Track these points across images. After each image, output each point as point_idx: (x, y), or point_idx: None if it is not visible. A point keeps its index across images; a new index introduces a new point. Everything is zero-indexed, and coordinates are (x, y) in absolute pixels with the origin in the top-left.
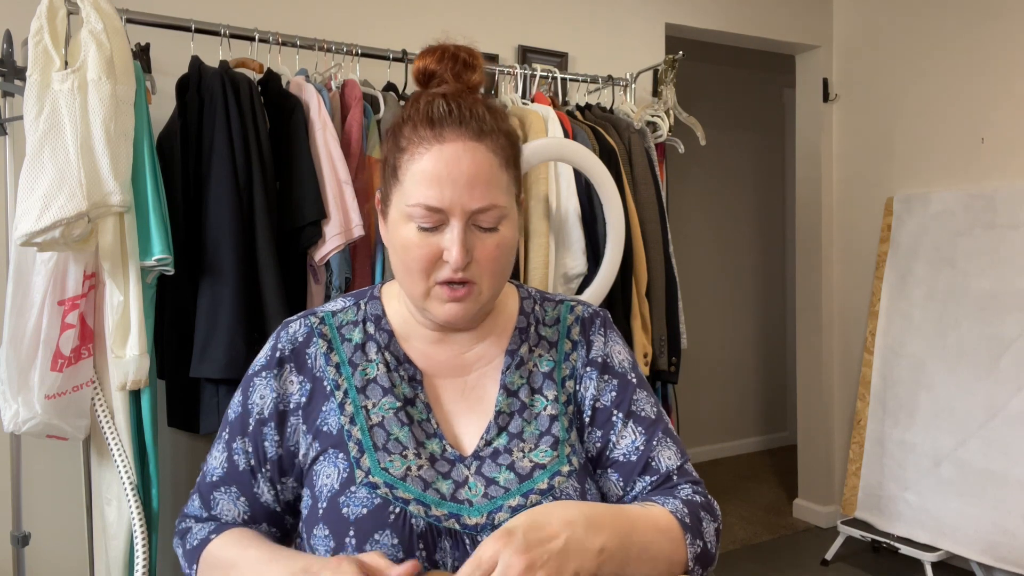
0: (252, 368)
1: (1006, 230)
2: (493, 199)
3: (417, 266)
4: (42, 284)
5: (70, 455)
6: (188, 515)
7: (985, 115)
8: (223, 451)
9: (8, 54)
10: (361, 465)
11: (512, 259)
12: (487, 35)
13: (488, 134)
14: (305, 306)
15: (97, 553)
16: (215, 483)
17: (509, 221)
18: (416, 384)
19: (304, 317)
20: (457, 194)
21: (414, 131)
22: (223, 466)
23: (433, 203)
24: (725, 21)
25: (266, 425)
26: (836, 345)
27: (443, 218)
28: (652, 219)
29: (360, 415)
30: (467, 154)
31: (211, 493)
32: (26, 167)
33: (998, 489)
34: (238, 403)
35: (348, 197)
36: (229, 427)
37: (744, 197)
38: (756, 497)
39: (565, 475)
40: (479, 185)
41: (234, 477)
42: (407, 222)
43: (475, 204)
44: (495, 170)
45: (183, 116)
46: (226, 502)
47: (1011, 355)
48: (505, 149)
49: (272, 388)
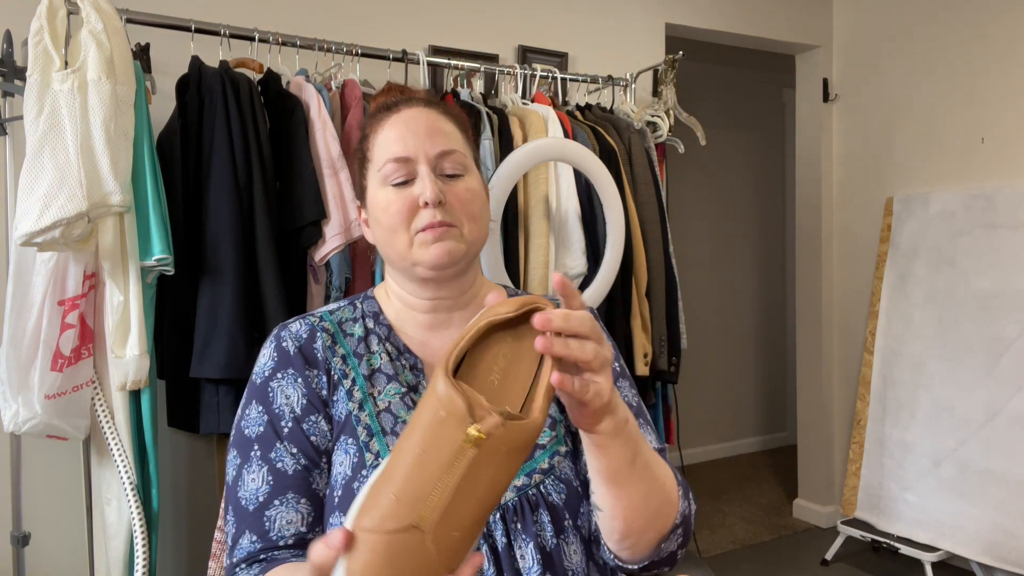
0: (259, 375)
1: (1006, 230)
2: (452, 144)
3: (397, 219)
4: (42, 284)
5: (70, 455)
6: (236, 562)
7: (985, 115)
8: (260, 468)
9: (8, 54)
10: (370, 448)
11: (486, 212)
12: (487, 35)
13: (436, 104)
14: (305, 306)
15: (97, 553)
16: (264, 503)
17: (473, 175)
18: (417, 372)
19: (302, 318)
20: (419, 141)
21: (373, 119)
22: (267, 481)
23: (399, 153)
24: (725, 21)
25: (305, 420)
26: (836, 345)
27: (412, 169)
28: (652, 219)
29: (368, 402)
30: (421, 114)
31: (262, 516)
32: (26, 167)
33: (998, 489)
34: (259, 414)
35: (348, 197)
36: (257, 443)
37: (744, 197)
38: (756, 497)
39: (563, 455)
40: (438, 134)
41: (287, 484)
42: (382, 187)
43: (436, 148)
44: (449, 127)
45: (183, 116)
46: (284, 513)
47: (1011, 355)
48: (455, 117)
49: (295, 385)
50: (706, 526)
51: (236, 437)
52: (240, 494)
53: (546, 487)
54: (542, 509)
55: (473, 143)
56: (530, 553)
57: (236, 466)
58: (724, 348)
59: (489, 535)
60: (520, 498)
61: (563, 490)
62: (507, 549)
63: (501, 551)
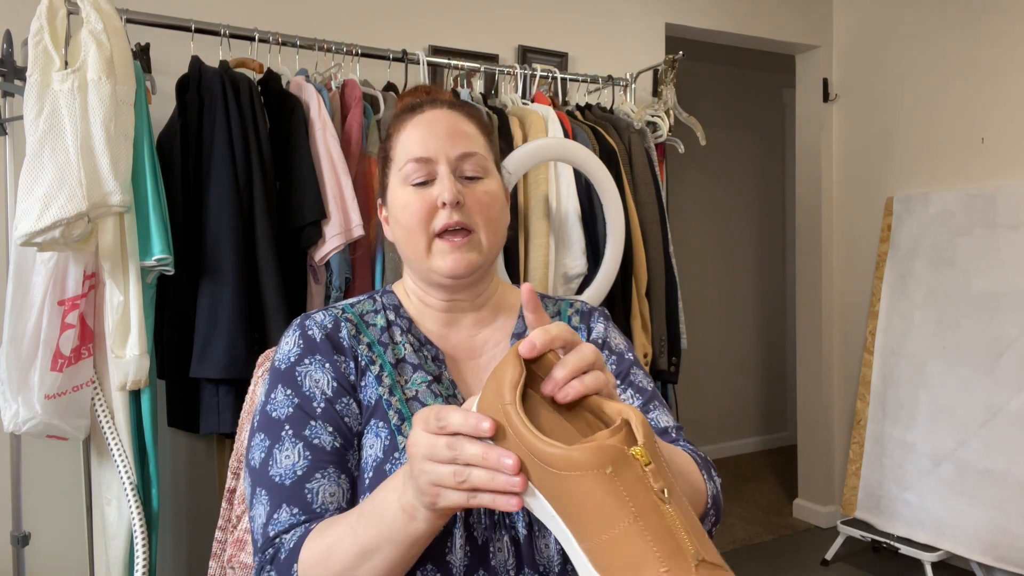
0: (284, 361)
1: (1006, 230)
2: (473, 147)
3: (416, 219)
4: (42, 284)
5: (70, 455)
6: (277, 533)
7: (985, 115)
8: (294, 445)
9: (8, 54)
10: (403, 432)
11: (505, 216)
12: (487, 35)
13: (460, 107)
14: (305, 306)
15: (97, 553)
16: (304, 476)
17: (493, 178)
18: (440, 363)
19: (324, 310)
20: (439, 143)
21: (398, 119)
22: (305, 456)
23: (419, 153)
24: (725, 21)
25: (337, 402)
26: (836, 345)
27: (432, 169)
28: (652, 219)
29: (397, 388)
30: (444, 116)
31: (302, 488)
32: (26, 167)
33: (998, 489)
34: (288, 396)
35: (348, 197)
36: (288, 422)
37: (744, 197)
38: (756, 497)
39: None
40: (458, 136)
41: (326, 459)
42: (403, 187)
43: (457, 150)
44: (472, 129)
45: (183, 116)
46: (326, 486)
47: (1011, 355)
48: (478, 120)
49: (324, 370)
50: None
51: (262, 421)
52: (272, 472)
53: None
54: None
55: (496, 147)
56: (552, 543)
57: (265, 447)
58: (724, 348)
59: (511, 527)
60: None
61: None
62: (528, 540)
63: (523, 542)
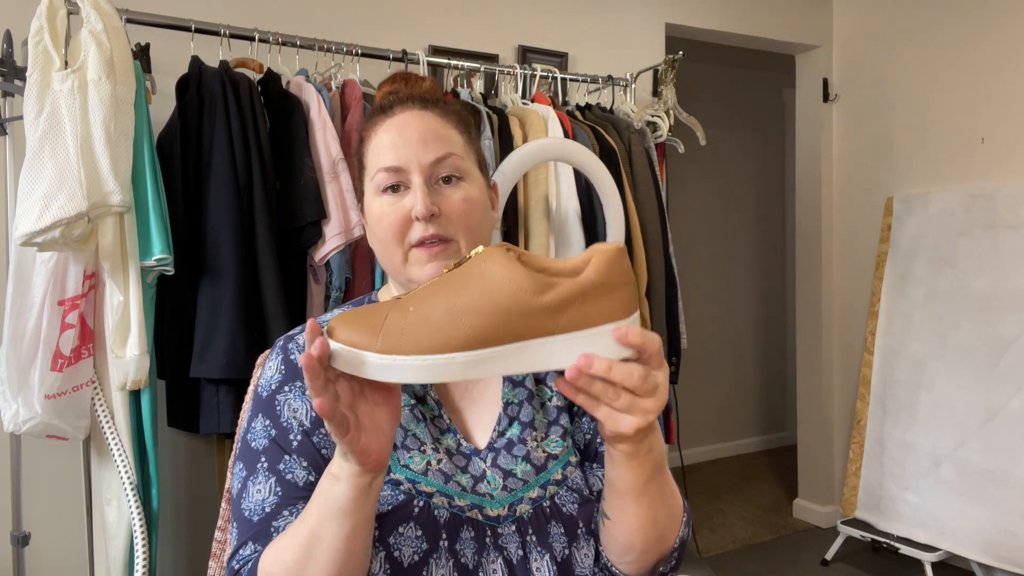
0: (266, 388)
1: (1006, 230)
2: (448, 148)
3: (390, 232)
4: (42, 284)
5: (70, 455)
6: (237, 568)
7: (985, 115)
8: (267, 479)
9: (8, 54)
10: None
11: (487, 219)
12: (487, 35)
13: (435, 104)
14: (305, 306)
15: (97, 553)
16: (272, 512)
17: (472, 180)
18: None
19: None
20: (411, 150)
21: (369, 121)
22: (275, 492)
23: (390, 163)
24: (725, 21)
25: (315, 434)
26: (836, 345)
27: (404, 178)
28: (652, 219)
29: None
30: (415, 119)
31: (268, 526)
32: (26, 167)
33: (998, 489)
34: (266, 427)
35: (348, 197)
36: (264, 455)
37: (744, 197)
38: (756, 497)
39: (574, 465)
40: (431, 140)
41: (297, 493)
42: (376, 196)
43: (430, 156)
44: (446, 129)
45: (183, 116)
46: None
47: (1011, 355)
48: (455, 115)
49: (303, 398)
50: (706, 526)
51: (242, 450)
52: (244, 505)
53: (560, 498)
54: (556, 520)
55: (476, 142)
56: (546, 565)
57: (242, 479)
58: (724, 348)
59: (503, 548)
60: (535, 510)
61: (576, 499)
62: (522, 562)
63: (516, 564)
